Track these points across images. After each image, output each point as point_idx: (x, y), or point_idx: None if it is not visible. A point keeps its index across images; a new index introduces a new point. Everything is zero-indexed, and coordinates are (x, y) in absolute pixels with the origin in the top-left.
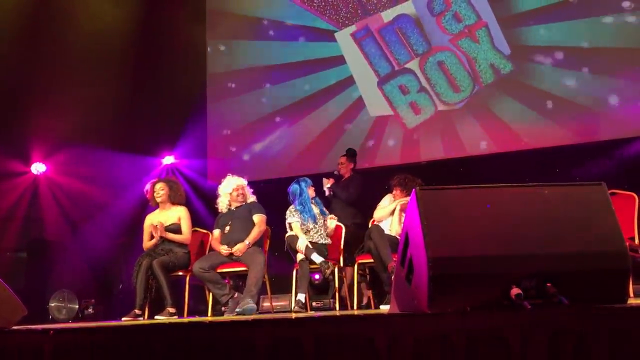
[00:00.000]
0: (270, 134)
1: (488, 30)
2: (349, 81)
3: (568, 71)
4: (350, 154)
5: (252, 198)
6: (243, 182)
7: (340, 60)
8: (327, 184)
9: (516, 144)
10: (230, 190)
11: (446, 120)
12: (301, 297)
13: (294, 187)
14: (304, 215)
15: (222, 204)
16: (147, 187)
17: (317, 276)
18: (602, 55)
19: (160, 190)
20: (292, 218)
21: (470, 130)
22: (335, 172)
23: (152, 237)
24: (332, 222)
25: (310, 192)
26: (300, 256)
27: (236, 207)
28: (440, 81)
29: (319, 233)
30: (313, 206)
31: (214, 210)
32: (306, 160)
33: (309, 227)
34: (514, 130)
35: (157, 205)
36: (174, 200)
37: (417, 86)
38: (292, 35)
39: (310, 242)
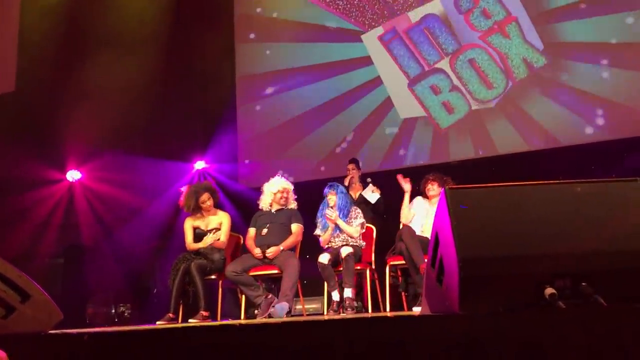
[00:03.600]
0: (300, 136)
1: (518, 24)
2: (377, 82)
3: (602, 68)
4: (357, 162)
5: (293, 204)
6: (289, 186)
7: (367, 60)
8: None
9: (549, 142)
10: (275, 190)
11: (480, 119)
12: (335, 296)
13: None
14: (323, 222)
15: (264, 202)
16: (184, 193)
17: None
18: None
19: (208, 200)
20: (317, 229)
21: (503, 129)
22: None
23: (196, 238)
24: (356, 220)
25: (330, 198)
26: (322, 258)
27: (276, 210)
28: (472, 79)
29: (340, 237)
30: (329, 211)
31: (245, 214)
32: (333, 163)
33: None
34: (547, 128)
35: (192, 212)
36: (216, 206)
37: (448, 85)
38: (319, 37)
39: (332, 246)
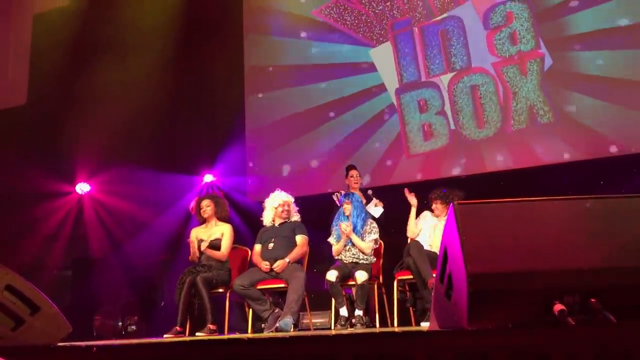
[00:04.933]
0: (308, 150)
1: (542, 64)
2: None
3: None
4: (357, 169)
5: (296, 217)
6: (290, 199)
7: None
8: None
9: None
10: (276, 204)
11: (455, 154)
12: (343, 311)
13: None
14: (337, 232)
15: (267, 218)
16: (193, 203)
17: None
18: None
19: (207, 207)
20: (331, 237)
21: (479, 167)
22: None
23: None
24: (370, 236)
25: (346, 208)
26: (330, 275)
27: (280, 224)
28: (466, 109)
29: (351, 252)
30: (344, 224)
31: (254, 227)
32: (340, 175)
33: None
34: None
35: (202, 221)
36: (219, 217)
37: (438, 107)
38: (329, 68)
39: (342, 260)
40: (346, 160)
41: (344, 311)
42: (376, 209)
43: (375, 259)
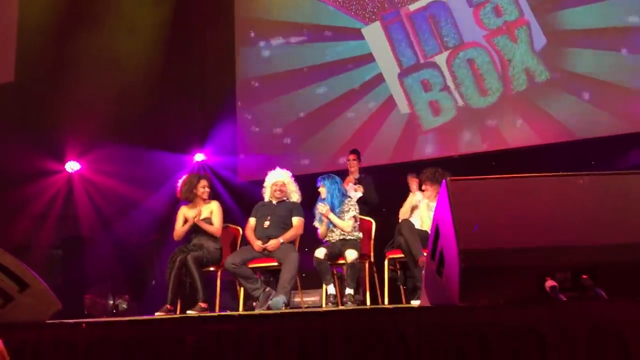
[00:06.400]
0: (300, 131)
1: (529, 30)
2: (381, 78)
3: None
4: (359, 153)
5: (296, 197)
6: (285, 179)
7: (371, 58)
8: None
9: (545, 138)
10: (270, 183)
11: (466, 124)
12: (331, 289)
13: None
14: (318, 215)
15: (266, 195)
16: (184, 180)
17: None
18: None
19: (207, 188)
20: (316, 221)
21: (492, 134)
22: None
23: (185, 223)
24: (348, 214)
25: (321, 191)
26: (318, 252)
27: (277, 202)
28: (467, 81)
29: (336, 232)
30: (320, 206)
31: (245, 207)
32: (331, 157)
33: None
34: (544, 125)
35: (188, 200)
36: (209, 196)
37: (440, 84)
38: (321, 37)
39: (330, 241)
40: (336, 140)
41: (331, 289)
42: (354, 193)
43: (361, 235)
